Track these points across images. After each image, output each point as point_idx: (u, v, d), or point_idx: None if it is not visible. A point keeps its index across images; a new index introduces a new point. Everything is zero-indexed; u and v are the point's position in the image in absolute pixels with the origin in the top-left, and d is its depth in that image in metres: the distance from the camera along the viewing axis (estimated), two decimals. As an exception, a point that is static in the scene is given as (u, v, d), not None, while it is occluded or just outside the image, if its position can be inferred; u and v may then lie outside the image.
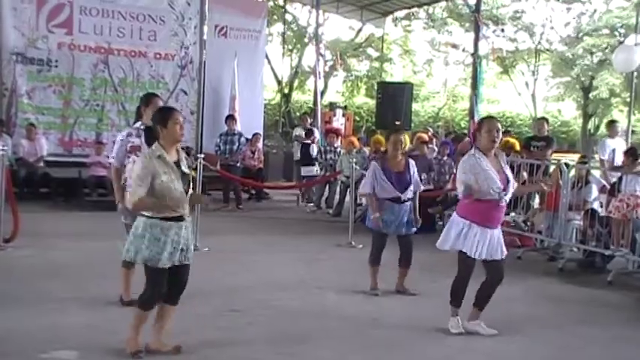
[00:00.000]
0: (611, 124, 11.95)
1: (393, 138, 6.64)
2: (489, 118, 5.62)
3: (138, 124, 5.75)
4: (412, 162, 6.75)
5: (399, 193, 6.51)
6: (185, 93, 13.60)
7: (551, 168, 9.41)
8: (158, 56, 13.41)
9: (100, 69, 12.95)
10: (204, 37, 14.07)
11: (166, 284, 4.47)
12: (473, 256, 5.26)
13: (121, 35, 13.03)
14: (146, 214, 4.40)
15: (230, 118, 13.29)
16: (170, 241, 4.39)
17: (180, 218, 4.46)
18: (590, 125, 30.83)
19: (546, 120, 11.65)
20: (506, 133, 14.79)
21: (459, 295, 5.44)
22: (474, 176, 5.20)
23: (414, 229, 6.66)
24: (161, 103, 5.86)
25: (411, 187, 6.59)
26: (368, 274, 6.67)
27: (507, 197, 5.34)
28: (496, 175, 5.23)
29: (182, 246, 4.46)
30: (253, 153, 13.64)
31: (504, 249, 5.41)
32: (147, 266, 4.41)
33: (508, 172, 5.43)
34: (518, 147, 10.51)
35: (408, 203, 6.61)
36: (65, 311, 5.50)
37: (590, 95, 29.54)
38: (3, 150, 8.19)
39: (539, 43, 30.36)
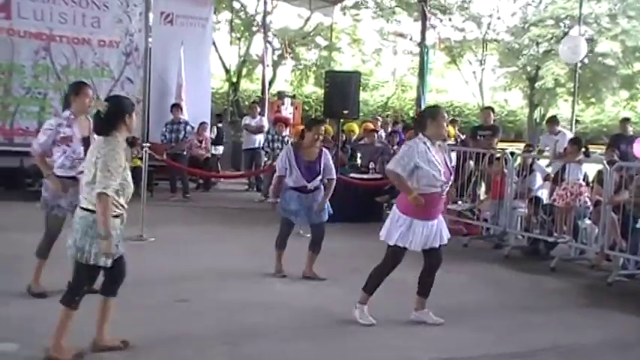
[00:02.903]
0: (553, 120, 12.07)
1: (315, 129, 6.66)
2: (438, 107, 5.68)
3: (67, 114, 5.60)
4: (326, 152, 6.81)
5: (306, 182, 6.60)
6: (130, 81, 13.29)
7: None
8: (102, 43, 13.08)
9: (42, 56, 12.56)
10: (150, 24, 13.82)
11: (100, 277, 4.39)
12: (410, 248, 5.27)
13: (63, 21, 12.65)
14: (92, 208, 4.17)
15: (175, 106, 13.11)
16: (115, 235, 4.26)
17: (120, 215, 4.32)
18: (536, 115, 31.45)
19: (492, 109, 11.79)
20: (453, 122, 15.03)
21: (378, 284, 5.43)
22: (413, 164, 5.15)
23: (326, 218, 6.75)
24: (91, 92, 5.76)
25: (319, 177, 6.68)
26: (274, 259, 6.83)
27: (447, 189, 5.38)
28: (442, 167, 5.24)
29: (118, 241, 4.32)
30: (200, 142, 13.49)
31: (445, 235, 5.42)
32: (84, 264, 4.20)
33: (449, 162, 5.50)
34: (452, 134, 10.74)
35: (318, 192, 6.70)
36: (5, 303, 5.35)
37: (536, 85, 30.12)
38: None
39: (486, 33, 30.78)
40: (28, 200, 10.52)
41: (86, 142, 5.51)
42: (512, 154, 9.16)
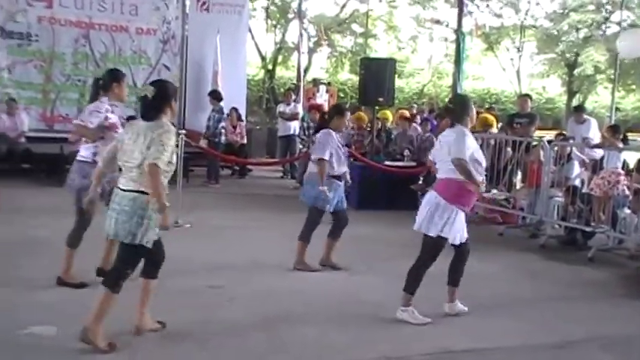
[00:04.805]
0: (579, 109, 11.82)
1: (345, 115, 6.73)
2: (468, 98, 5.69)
3: (105, 100, 5.60)
4: None
5: (346, 168, 6.61)
6: (167, 68, 13.48)
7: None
8: (140, 31, 13.27)
9: (81, 43, 12.82)
10: (187, 11, 13.91)
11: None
12: (452, 241, 5.16)
13: (102, 9, 12.87)
14: (145, 190, 4.26)
15: (208, 95, 13.14)
16: None
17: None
18: (575, 102, 30.91)
19: (529, 97, 11.65)
20: (489, 109, 14.88)
21: (419, 281, 5.22)
22: (472, 152, 5.09)
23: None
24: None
25: None
26: (295, 251, 6.62)
27: None
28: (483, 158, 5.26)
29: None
30: (234, 128, 13.57)
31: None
32: (138, 245, 4.27)
33: None
34: (494, 124, 10.63)
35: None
36: (44, 287, 5.47)
37: (575, 72, 29.59)
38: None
39: (524, 19, 30.30)
40: (67, 186, 10.75)
41: None
42: (549, 142, 9.04)
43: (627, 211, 8.06)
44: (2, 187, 8.23)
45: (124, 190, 4.33)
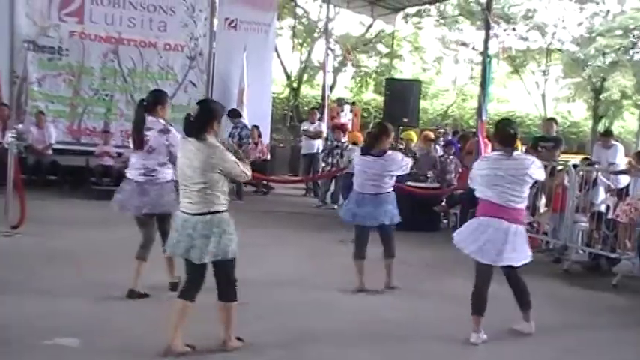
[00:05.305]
0: (606, 134, 11.58)
1: (391, 133, 6.80)
2: None
3: (164, 122, 5.69)
4: None
5: None
6: (194, 85, 13.63)
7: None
8: (168, 47, 13.44)
9: (110, 59, 13.02)
10: (214, 29, 14.09)
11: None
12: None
13: (131, 25, 13.08)
14: (222, 209, 4.46)
15: (227, 115, 13.16)
16: None
17: None
18: (600, 127, 30.65)
19: (555, 120, 11.55)
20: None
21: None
22: None
23: None
24: None
25: None
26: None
27: None
28: None
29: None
30: (256, 145, 13.64)
31: None
32: (229, 260, 4.61)
33: None
34: (519, 147, 10.54)
35: None
36: (69, 299, 5.53)
37: (601, 96, 29.37)
38: (13, 137, 8.26)
39: (550, 42, 30.21)
40: (92, 199, 10.87)
41: None
42: (574, 166, 8.98)
43: (654, 238, 7.96)
44: (29, 198, 8.32)
45: (192, 215, 4.42)
